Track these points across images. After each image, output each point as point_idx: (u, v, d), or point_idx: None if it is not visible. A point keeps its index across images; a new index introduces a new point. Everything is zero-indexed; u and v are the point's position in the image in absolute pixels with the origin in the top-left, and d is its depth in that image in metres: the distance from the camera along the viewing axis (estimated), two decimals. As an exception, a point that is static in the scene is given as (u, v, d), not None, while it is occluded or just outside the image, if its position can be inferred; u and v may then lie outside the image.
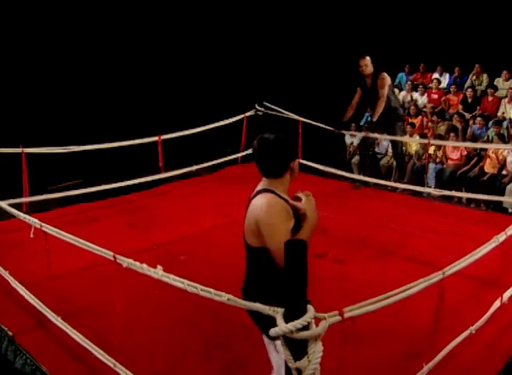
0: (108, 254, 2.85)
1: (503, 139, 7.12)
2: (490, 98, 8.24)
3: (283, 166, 2.23)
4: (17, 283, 3.79)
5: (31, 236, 3.53)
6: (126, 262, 2.69)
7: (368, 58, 6.49)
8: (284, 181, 2.25)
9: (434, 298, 2.72)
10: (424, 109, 8.62)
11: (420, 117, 8.49)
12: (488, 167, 7.12)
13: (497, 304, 3.65)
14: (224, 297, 2.02)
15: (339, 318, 1.89)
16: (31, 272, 4.17)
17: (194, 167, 7.31)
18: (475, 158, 7.34)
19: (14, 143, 5.63)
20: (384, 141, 8.40)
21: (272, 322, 1.76)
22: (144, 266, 2.52)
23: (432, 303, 2.76)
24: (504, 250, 3.38)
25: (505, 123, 7.68)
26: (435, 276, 2.61)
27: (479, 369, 3.14)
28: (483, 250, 3.06)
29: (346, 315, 1.96)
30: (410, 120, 8.44)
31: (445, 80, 9.32)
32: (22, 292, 3.69)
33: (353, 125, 8.55)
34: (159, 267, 2.36)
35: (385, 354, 3.26)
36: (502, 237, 3.27)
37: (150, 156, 6.80)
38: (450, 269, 2.73)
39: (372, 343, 3.33)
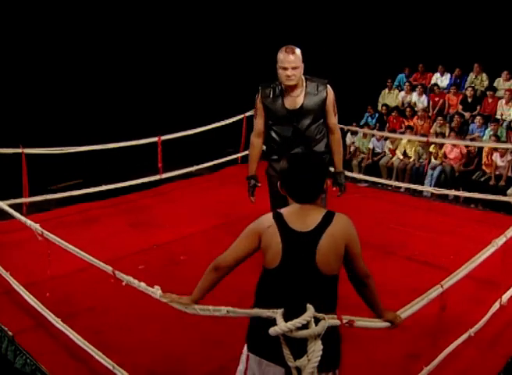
0: (107, 269, 2.86)
1: (498, 139, 7.20)
2: (490, 100, 8.26)
3: (322, 188, 1.96)
4: (17, 284, 3.79)
5: (39, 239, 3.53)
6: (125, 279, 2.71)
7: (298, 51, 3.33)
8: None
9: (434, 298, 2.72)
10: (419, 112, 8.61)
11: (416, 118, 8.50)
12: (486, 168, 7.15)
13: (496, 305, 3.65)
14: (223, 311, 2.02)
15: (337, 321, 1.89)
16: (31, 272, 4.17)
17: (194, 167, 7.31)
18: (476, 159, 7.36)
19: (14, 143, 5.64)
20: (377, 141, 8.38)
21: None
22: (142, 284, 2.54)
23: (433, 303, 2.76)
24: (504, 251, 3.38)
25: (505, 124, 7.70)
26: (434, 291, 2.61)
27: (479, 369, 3.14)
28: (482, 256, 3.05)
29: (345, 320, 1.96)
30: (407, 123, 8.47)
31: (446, 80, 9.33)
32: (22, 292, 3.69)
33: (354, 124, 8.57)
34: (157, 287, 2.36)
35: (384, 355, 3.26)
36: (501, 240, 3.26)
37: (150, 156, 6.80)
38: (448, 282, 2.72)
39: (372, 343, 3.33)
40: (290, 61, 3.26)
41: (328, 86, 3.46)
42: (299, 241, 1.90)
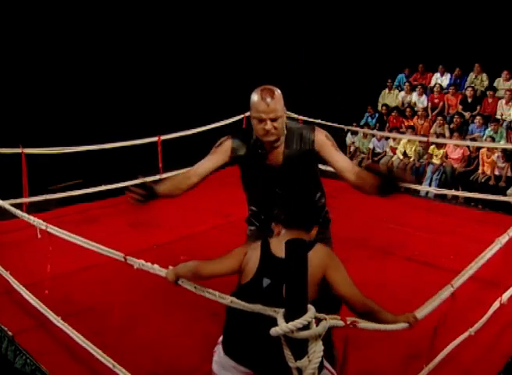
0: (118, 255, 2.84)
1: (493, 140, 7.24)
2: (490, 100, 8.26)
3: (313, 217, 2.09)
4: (17, 284, 3.79)
5: (38, 236, 3.53)
6: (137, 263, 2.68)
7: (278, 94, 2.44)
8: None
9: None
10: (419, 112, 8.61)
11: (416, 118, 8.51)
12: (486, 169, 7.16)
13: (496, 304, 3.65)
14: (227, 299, 2.03)
15: (340, 322, 1.87)
16: (31, 272, 4.17)
17: (194, 167, 7.30)
18: (476, 160, 7.37)
19: (14, 143, 5.64)
20: (377, 141, 8.38)
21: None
22: (156, 266, 2.50)
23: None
24: (505, 250, 3.38)
25: (505, 124, 7.70)
26: (445, 291, 2.56)
27: (479, 369, 3.14)
28: (487, 254, 3.02)
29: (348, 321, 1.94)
30: (407, 123, 8.49)
31: (446, 80, 9.33)
32: (22, 292, 3.68)
33: (354, 124, 8.57)
34: (171, 268, 2.32)
35: (385, 355, 3.26)
36: (504, 238, 3.24)
37: (150, 156, 6.80)
38: (458, 281, 2.66)
39: (372, 343, 3.33)
40: (268, 110, 2.36)
41: (317, 130, 2.55)
42: (274, 264, 1.98)
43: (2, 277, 3.98)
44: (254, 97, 2.41)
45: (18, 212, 3.88)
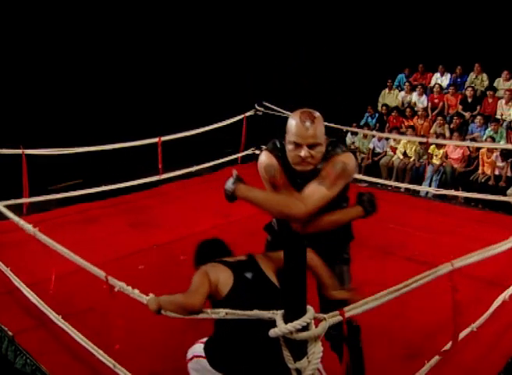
0: (100, 274, 2.85)
1: (493, 140, 7.24)
2: (490, 100, 8.26)
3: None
4: (19, 282, 3.80)
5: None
6: (118, 285, 2.70)
7: (319, 119, 2.14)
8: None
9: (435, 297, 2.72)
10: (419, 112, 8.62)
11: (416, 118, 8.52)
12: (486, 169, 7.16)
13: (499, 301, 3.65)
14: (221, 313, 2.04)
15: (339, 318, 1.88)
16: (31, 272, 4.17)
17: (194, 167, 7.32)
18: (476, 161, 7.37)
19: (14, 144, 5.65)
20: (377, 141, 8.37)
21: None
22: (136, 291, 2.53)
23: (433, 303, 2.76)
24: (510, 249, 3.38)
25: (505, 124, 7.70)
26: (444, 268, 2.53)
27: (480, 368, 3.14)
28: (496, 249, 2.99)
29: (348, 314, 1.95)
30: (407, 123, 8.49)
31: (446, 80, 9.33)
32: (24, 291, 3.69)
33: (354, 124, 8.57)
34: (151, 295, 2.33)
35: (385, 354, 3.26)
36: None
37: (150, 156, 6.81)
38: (459, 262, 2.64)
39: (372, 343, 3.33)
40: (306, 135, 2.08)
41: (336, 156, 2.21)
42: (244, 264, 2.21)
43: (2, 277, 3.98)
44: (292, 119, 2.14)
45: (11, 215, 3.88)
